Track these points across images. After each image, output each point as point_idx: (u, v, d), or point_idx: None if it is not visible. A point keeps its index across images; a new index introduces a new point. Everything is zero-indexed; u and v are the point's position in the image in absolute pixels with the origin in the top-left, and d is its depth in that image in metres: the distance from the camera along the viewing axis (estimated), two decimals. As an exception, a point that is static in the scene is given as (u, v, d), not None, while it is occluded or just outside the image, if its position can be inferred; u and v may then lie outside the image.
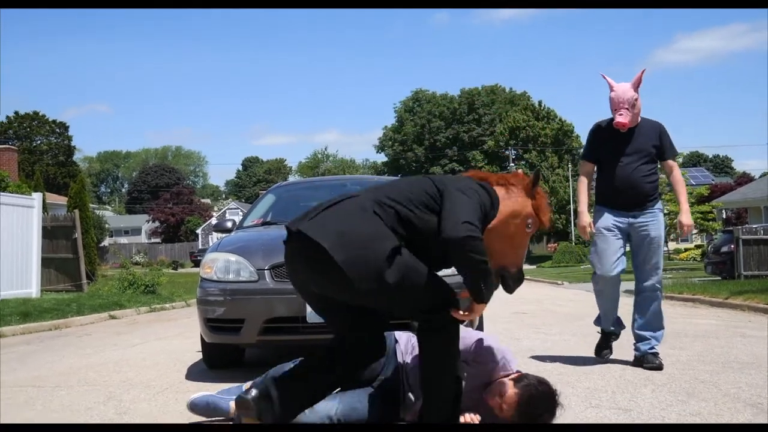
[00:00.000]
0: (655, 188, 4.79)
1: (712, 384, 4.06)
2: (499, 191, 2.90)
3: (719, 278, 15.71)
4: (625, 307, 5.06)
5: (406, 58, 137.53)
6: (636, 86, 4.66)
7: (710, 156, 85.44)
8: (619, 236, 4.75)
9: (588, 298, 13.33)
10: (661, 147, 4.81)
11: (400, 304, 2.71)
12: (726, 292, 10.66)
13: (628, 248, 4.82)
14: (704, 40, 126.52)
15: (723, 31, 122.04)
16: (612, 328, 5.00)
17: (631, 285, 5.10)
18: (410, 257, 2.61)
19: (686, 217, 4.80)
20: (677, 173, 4.93)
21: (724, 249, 16.08)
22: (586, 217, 4.86)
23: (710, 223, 29.61)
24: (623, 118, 4.61)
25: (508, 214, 2.85)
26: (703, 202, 31.62)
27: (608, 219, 4.77)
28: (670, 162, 4.89)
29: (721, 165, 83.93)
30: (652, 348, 4.71)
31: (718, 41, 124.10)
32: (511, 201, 2.89)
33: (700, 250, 30.20)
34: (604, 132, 4.87)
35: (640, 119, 4.80)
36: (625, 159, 4.72)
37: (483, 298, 2.68)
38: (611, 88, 4.70)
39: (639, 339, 4.79)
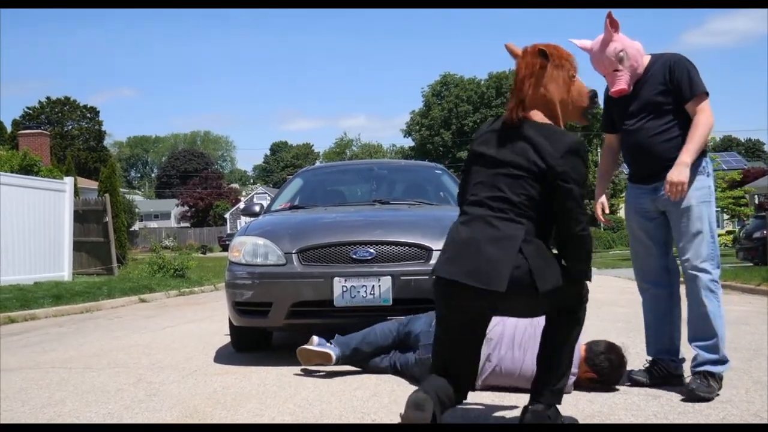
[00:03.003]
0: (676, 147, 3.46)
1: (743, 371, 4.00)
2: (533, 95, 2.77)
3: (751, 264, 15.50)
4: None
5: (434, 42, 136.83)
6: (609, 38, 3.45)
7: (743, 140, 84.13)
8: (647, 220, 3.66)
9: (616, 283, 13.23)
10: (672, 89, 3.49)
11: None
12: (758, 279, 10.51)
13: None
14: (737, 22, 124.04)
15: (756, 12, 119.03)
16: (656, 357, 3.72)
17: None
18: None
19: (675, 172, 3.36)
20: (700, 117, 3.42)
21: (756, 235, 15.86)
22: (597, 198, 3.90)
23: (742, 208, 29.15)
24: (618, 86, 3.50)
25: (563, 100, 2.83)
26: (736, 187, 31.12)
27: (631, 201, 3.74)
28: (690, 105, 3.45)
29: (753, 149, 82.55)
30: (698, 365, 3.44)
31: (751, 22, 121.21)
32: (551, 88, 2.80)
33: (731, 235, 29.77)
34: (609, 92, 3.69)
35: (648, 60, 3.59)
36: (631, 120, 3.60)
37: (590, 276, 2.82)
38: (590, 55, 3.57)
39: (694, 355, 3.54)
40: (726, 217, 32.76)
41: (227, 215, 62.12)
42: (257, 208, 5.88)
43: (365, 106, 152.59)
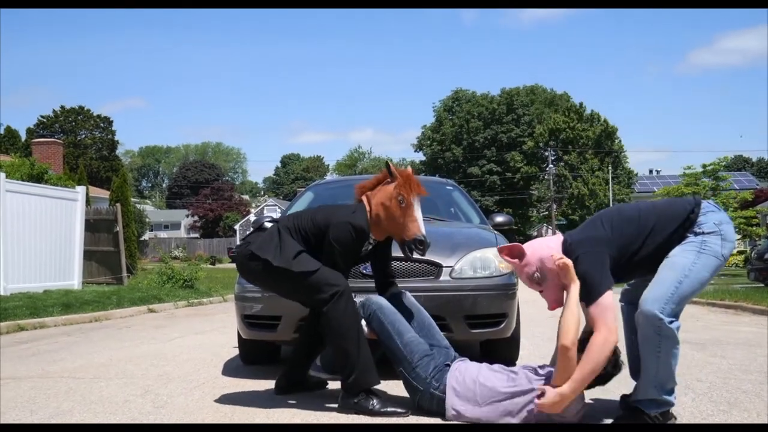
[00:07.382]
0: (667, 248, 3.23)
1: (755, 394, 3.97)
2: (371, 193, 3.81)
3: (762, 285, 15.37)
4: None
5: (445, 57, 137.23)
6: (517, 269, 3.44)
7: (754, 160, 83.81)
8: None
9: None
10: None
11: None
12: (770, 300, 10.43)
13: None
14: (746, 40, 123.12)
15: (764, 30, 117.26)
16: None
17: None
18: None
19: (549, 396, 3.22)
20: (592, 338, 3.23)
21: (768, 255, 15.72)
22: None
23: (754, 228, 28.96)
24: (550, 304, 3.51)
25: (379, 204, 3.74)
26: (747, 207, 30.97)
27: None
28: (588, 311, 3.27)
29: (766, 169, 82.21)
30: (635, 400, 3.28)
31: (759, 40, 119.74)
32: (378, 194, 3.77)
33: (743, 256, 29.58)
34: None
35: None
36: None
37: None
38: None
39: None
40: (737, 237, 32.55)
41: (237, 227, 62.28)
42: (268, 221, 5.87)
43: (374, 120, 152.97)
